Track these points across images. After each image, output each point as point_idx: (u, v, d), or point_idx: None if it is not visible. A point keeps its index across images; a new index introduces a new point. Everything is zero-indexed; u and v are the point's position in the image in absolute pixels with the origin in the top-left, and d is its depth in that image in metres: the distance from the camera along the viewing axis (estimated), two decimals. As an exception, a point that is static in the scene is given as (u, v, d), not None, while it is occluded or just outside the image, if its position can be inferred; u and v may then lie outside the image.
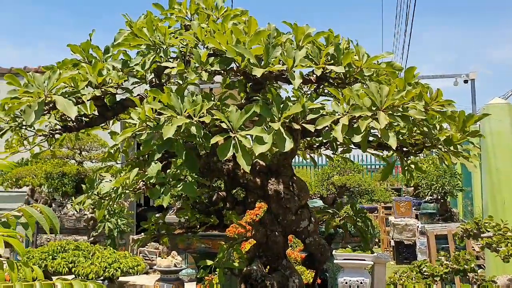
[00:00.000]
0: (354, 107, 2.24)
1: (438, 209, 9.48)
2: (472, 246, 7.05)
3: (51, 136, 2.85)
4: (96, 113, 2.81)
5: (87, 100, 2.57)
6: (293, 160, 3.06)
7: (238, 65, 2.47)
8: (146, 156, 2.64)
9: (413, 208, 10.34)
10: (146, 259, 7.98)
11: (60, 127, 2.85)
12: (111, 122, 3.07)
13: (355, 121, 2.26)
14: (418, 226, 9.47)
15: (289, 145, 2.19)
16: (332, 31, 2.60)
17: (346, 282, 5.02)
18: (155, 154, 2.37)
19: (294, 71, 2.40)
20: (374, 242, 8.71)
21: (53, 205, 8.43)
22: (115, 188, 2.56)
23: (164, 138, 2.20)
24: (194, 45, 2.54)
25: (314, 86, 2.82)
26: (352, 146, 2.78)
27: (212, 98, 2.45)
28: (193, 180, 2.49)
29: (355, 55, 2.53)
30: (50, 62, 2.69)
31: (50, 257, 5.95)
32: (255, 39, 2.38)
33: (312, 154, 3.49)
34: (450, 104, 2.40)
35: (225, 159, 2.34)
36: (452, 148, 2.47)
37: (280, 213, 2.84)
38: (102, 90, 2.64)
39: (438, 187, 9.35)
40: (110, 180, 2.64)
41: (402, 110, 2.24)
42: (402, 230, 10.05)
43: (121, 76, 2.66)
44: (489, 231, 4.21)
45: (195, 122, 2.23)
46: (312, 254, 3.01)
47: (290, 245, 3.15)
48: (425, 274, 4.46)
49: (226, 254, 3.04)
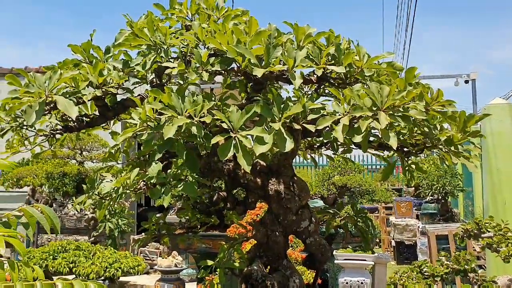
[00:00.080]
0: (354, 107, 2.24)
1: (439, 209, 9.46)
2: (473, 247, 7.04)
3: (52, 136, 2.85)
4: (97, 113, 2.81)
5: (88, 100, 2.58)
6: (293, 160, 3.06)
7: (238, 65, 2.47)
8: (147, 156, 2.64)
9: (413, 208, 10.32)
10: (146, 259, 7.97)
11: (61, 127, 2.85)
12: (112, 122, 3.07)
13: (356, 121, 2.26)
14: (419, 226, 9.46)
15: (289, 145, 2.19)
16: (333, 31, 2.60)
17: (347, 282, 5.01)
18: (156, 154, 2.37)
19: (295, 71, 2.40)
20: (374, 242, 8.70)
21: (54, 205, 8.43)
22: (116, 188, 2.56)
23: (164, 138, 2.21)
24: (194, 45, 2.54)
25: (315, 86, 2.82)
26: (352, 146, 2.78)
27: (212, 98, 2.46)
28: (193, 180, 2.49)
29: (356, 55, 2.53)
30: (50, 62, 2.69)
31: (51, 257, 5.95)
32: (256, 39, 2.38)
33: (312, 154, 3.49)
34: (451, 104, 2.40)
35: (225, 159, 2.34)
36: (452, 148, 2.47)
37: (280, 213, 2.84)
38: (103, 90, 2.64)
39: (439, 188, 9.33)
40: (111, 180, 2.64)
41: (402, 110, 2.24)
42: (403, 230, 10.04)
43: (122, 76, 2.66)
44: (489, 231, 4.21)
45: (196, 122, 2.24)
46: (312, 254, 3.01)
47: (290, 245, 3.15)
48: (425, 274, 4.46)
49: (226, 254, 3.04)
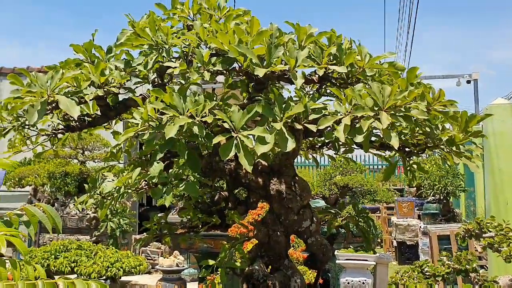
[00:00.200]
0: (356, 107, 2.24)
1: (440, 209, 9.45)
2: (474, 247, 7.03)
3: (54, 135, 2.86)
4: (98, 113, 2.81)
5: (90, 99, 2.58)
6: (295, 160, 3.06)
7: (240, 65, 2.47)
8: (149, 155, 2.65)
9: (415, 208, 10.31)
10: (148, 259, 7.98)
11: (62, 127, 2.85)
12: (114, 122, 3.07)
13: (357, 121, 2.26)
14: (420, 227, 9.45)
15: (291, 145, 2.19)
16: (334, 31, 2.60)
17: (348, 283, 5.01)
18: (157, 154, 2.37)
19: (297, 71, 2.40)
20: (376, 243, 8.69)
21: (55, 204, 8.43)
22: (118, 187, 2.57)
23: (166, 138, 2.21)
24: (196, 45, 2.55)
25: (316, 86, 2.82)
26: (354, 146, 2.78)
27: (214, 98, 2.46)
28: (195, 180, 2.49)
29: (358, 55, 2.53)
30: (50, 62, 2.70)
31: (53, 256, 5.95)
32: (258, 39, 2.38)
33: (314, 154, 3.49)
34: (453, 104, 2.39)
35: (227, 159, 2.34)
36: (454, 148, 2.47)
37: (282, 213, 2.84)
38: (105, 90, 2.65)
39: (440, 188, 9.32)
40: (113, 179, 2.64)
41: (404, 110, 2.24)
42: (405, 231, 10.03)
43: (123, 76, 2.67)
44: (491, 231, 4.20)
45: (197, 122, 2.24)
46: (314, 254, 3.00)
47: (292, 245, 3.15)
48: (427, 274, 4.45)
49: (228, 254, 3.04)
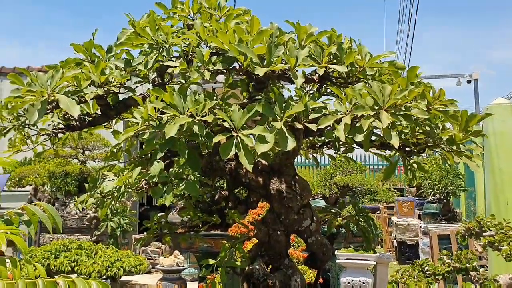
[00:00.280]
0: (356, 106, 2.24)
1: (440, 209, 9.45)
2: (475, 247, 7.03)
3: (54, 135, 2.85)
4: (99, 112, 2.81)
5: (90, 99, 2.58)
6: (295, 160, 3.05)
7: (240, 64, 2.47)
8: (149, 155, 2.65)
9: (415, 208, 10.31)
10: (148, 259, 7.99)
11: (63, 126, 2.85)
12: (114, 121, 3.07)
13: (358, 120, 2.26)
14: (420, 226, 9.45)
15: (291, 144, 2.19)
16: (335, 31, 2.60)
17: (349, 282, 5.00)
18: (158, 153, 2.37)
19: (297, 70, 2.40)
20: (376, 242, 8.68)
21: (56, 204, 8.44)
22: (118, 186, 2.57)
23: (166, 137, 2.21)
24: (196, 44, 2.55)
25: (317, 86, 2.82)
26: (354, 145, 2.78)
27: (214, 98, 2.46)
28: (195, 179, 2.49)
29: (358, 55, 2.53)
30: (50, 62, 2.70)
31: (53, 256, 5.96)
32: (258, 38, 2.38)
33: (314, 154, 3.48)
34: (453, 103, 2.39)
35: (227, 158, 2.35)
36: (454, 147, 2.46)
37: (282, 212, 2.84)
38: (105, 89, 2.65)
39: (441, 187, 9.32)
40: (113, 179, 2.64)
41: (404, 109, 2.24)
42: (405, 230, 10.03)
43: (124, 75, 2.67)
44: (491, 230, 4.21)
45: (198, 121, 2.24)
46: (314, 254, 3.00)
47: (292, 244, 3.15)
48: (427, 273, 4.45)
49: (228, 253, 3.04)
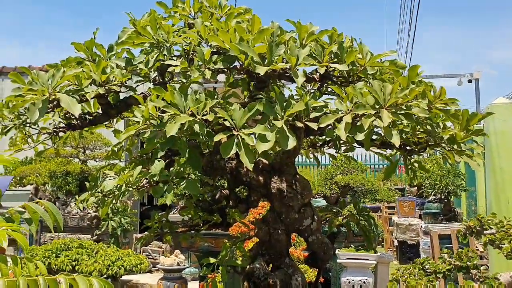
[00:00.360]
0: (357, 105, 2.24)
1: (441, 209, 9.45)
2: (476, 246, 7.02)
3: (55, 134, 2.86)
4: (99, 111, 2.82)
5: (91, 98, 2.58)
6: (296, 159, 3.05)
7: (241, 63, 2.47)
8: (150, 154, 2.65)
9: (416, 207, 10.30)
10: (149, 258, 7.98)
11: (64, 125, 2.86)
12: (115, 120, 3.07)
13: (359, 119, 2.26)
14: (421, 226, 9.44)
15: (292, 143, 2.19)
16: (335, 30, 2.60)
17: (349, 282, 5.01)
18: (159, 152, 2.37)
19: (298, 69, 2.40)
20: (377, 242, 8.69)
21: (56, 203, 8.44)
22: (119, 185, 2.57)
23: (167, 136, 2.21)
24: (197, 43, 2.55)
25: (318, 85, 2.82)
26: (355, 144, 2.77)
27: (215, 97, 2.46)
28: (196, 178, 2.49)
29: (359, 54, 2.53)
30: (50, 62, 2.71)
31: (54, 255, 5.96)
32: (259, 37, 2.39)
33: (315, 153, 3.48)
34: (454, 102, 2.39)
35: (228, 157, 2.35)
36: (455, 146, 2.47)
37: (283, 211, 2.84)
38: (106, 88, 2.65)
39: (441, 187, 9.32)
40: (114, 178, 2.64)
41: (405, 108, 2.24)
42: (406, 230, 10.02)
43: (124, 74, 2.67)
44: (492, 228, 4.20)
45: (199, 120, 2.24)
46: (315, 253, 3.00)
47: (293, 243, 3.15)
48: (427, 271, 4.45)
49: (229, 252, 3.04)
